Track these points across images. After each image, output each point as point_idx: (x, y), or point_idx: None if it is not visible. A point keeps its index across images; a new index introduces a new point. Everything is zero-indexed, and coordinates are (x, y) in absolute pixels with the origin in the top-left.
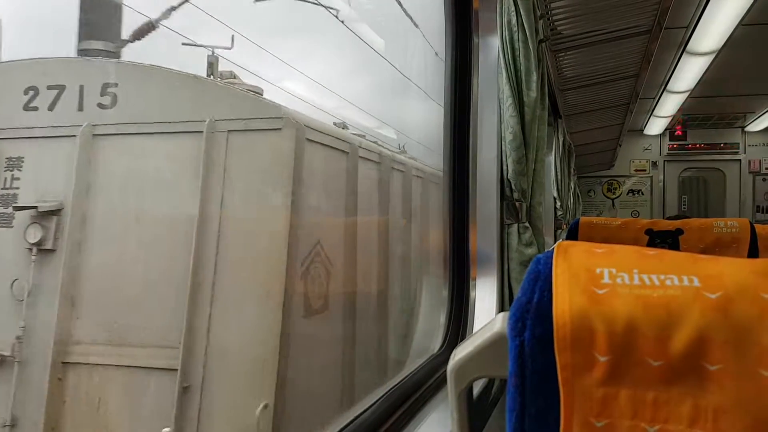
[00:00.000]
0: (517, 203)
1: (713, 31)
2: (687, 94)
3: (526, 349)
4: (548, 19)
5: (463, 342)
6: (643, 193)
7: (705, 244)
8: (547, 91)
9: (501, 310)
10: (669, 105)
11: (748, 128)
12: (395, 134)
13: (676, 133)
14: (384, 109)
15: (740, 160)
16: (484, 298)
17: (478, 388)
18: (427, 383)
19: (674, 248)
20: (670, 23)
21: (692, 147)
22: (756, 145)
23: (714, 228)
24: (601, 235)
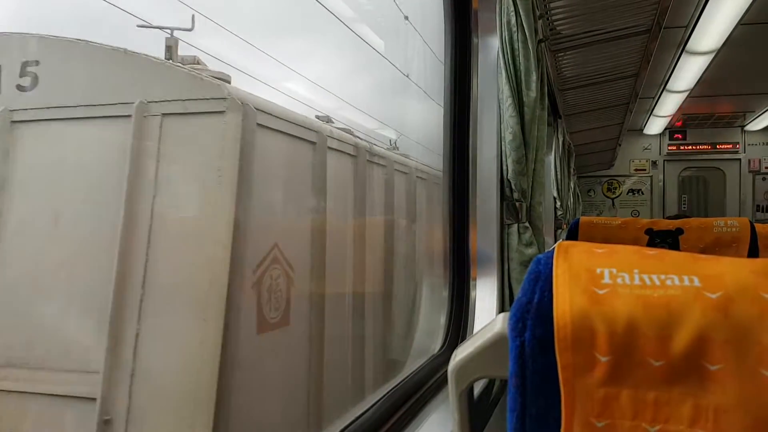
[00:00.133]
0: (517, 203)
1: (712, 30)
2: (686, 93)
3: (526, 350)
4: (547, 19)
5: (463, 342)
6: (642, 193)
7: (705, 243)
8: (546, 91)
9: (501, 311)
10: (668, 104)
11: (747, 127)
12: (390, 131)
13: (675, 133)
14: (376, 107)
15: (740, 160)
16: (485, 298)
17: (479, 389)
18: (427, 384)
19: (674, 248)
20: (669, 23)
21: (692, 146)
22: (756, 145)
23: (714, 227)
24: (601, 235)
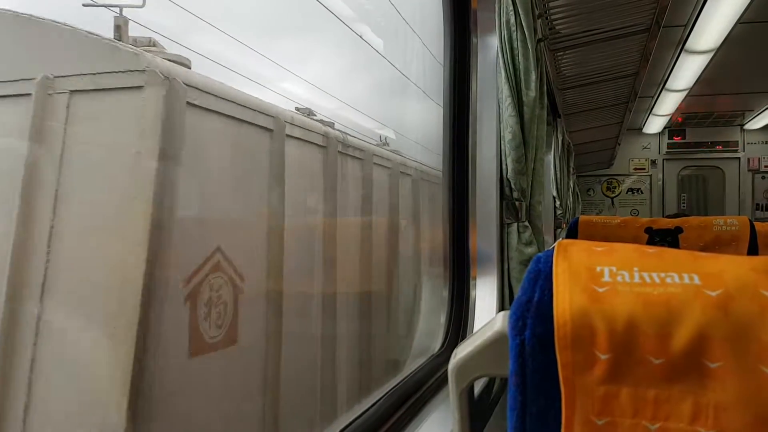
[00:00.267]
0: (517, 202)
1: (711, 29)
2: (686, 92)
3: (526, 348)
4: (546, 18)
5: (463, 341)
6: (642, 192)
7: (704, 242)
8: (545, 90)
9: (501, 310)
10: (668, 103)
11: (747, 126)
12: (386, 131)
13: (674, 132)
14: (367, 104)
15: (739, 158)
16: (485, 297)
17: (479, 388)
18: (427, 383)
19: (674, 246)
20: (668, 22)
21: (691, 145)
22: (755, 143)
23: (713, 226)
24: (600, 234)
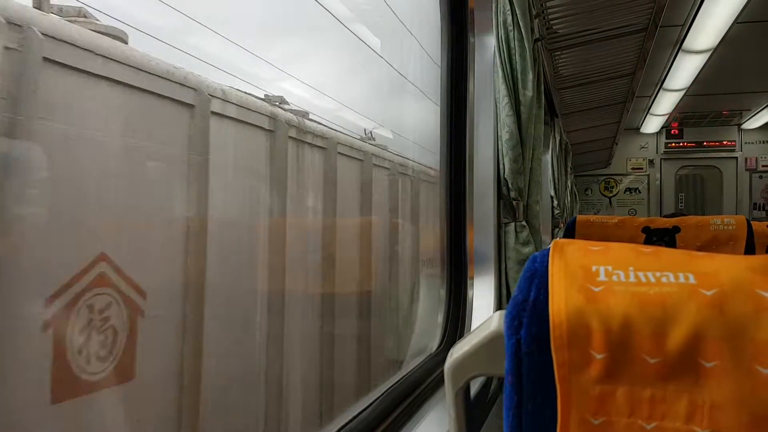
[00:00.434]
0: (514, 202)
1: (709, 28)
2: (683, 92)
3: (522, 348)
4: (544, 18)
5: (459, 341)
6: (640, 192)
7: (702, 241)
8: (543, 90)
9: (498, 309)
10: (665, 103)
11: (744, 126)
12: (373, 125)
13: (672, 131)
14: (355, 100)
15: (737, 158)
16: (482, 296)
17: (476, 387)
18: (425, 382)
19: (671, 246)
20: (665, 21)
21: (689, 145)
22: (752, 143)
23: (711, 225)
24: (598, 234)
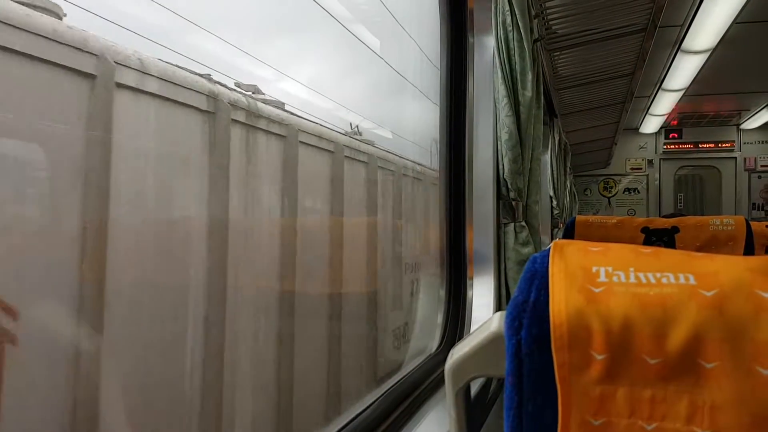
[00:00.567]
0: (514, 202)
1: (708, 29)
2: (682, 92)
3: (522, 348)
4: (543, 18)
5: (460, 342)
6: (639, 192)
7: (701, 241)
8: (542, 90)
9: (498, 310)
10: (664, 103)
11: (743, 126)
12: (353, 113)
13: (671, 132)
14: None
15: (736, 158)
16: (481, 297)
17: (476, 388)
18: (424, 383)
19: (670, 246)
20: (664, 21)
21: (688, 145)
22: (751, 143)
23: (710, 226)
24: (597, 234)
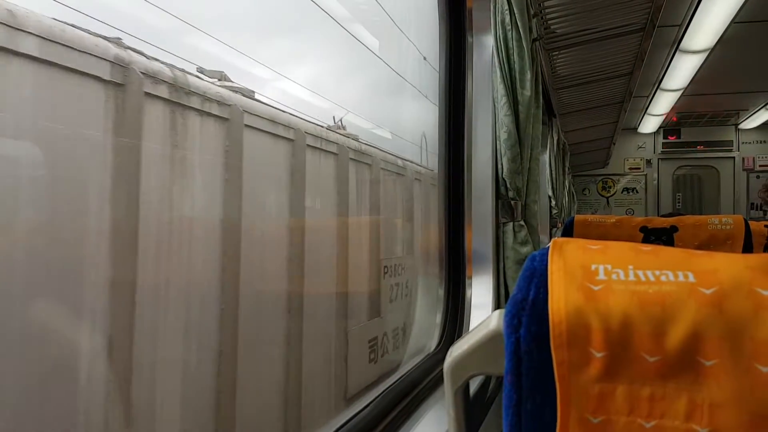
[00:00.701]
0: (512, 202)
1: (706, 28)
2: (680, 92)
3: (521, 346)
4: (542, 17)
5: (458, 340)
6: (637, 191)
7: (699, 241)
8: (541, 89)
9: (497, 308)
10: (663, 103)
11: (741, 126)
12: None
13: (669, 131)
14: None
15: (734, 158)
16: (480, 296)
17: (475, 386)
18: (423, 382)
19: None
20: (663, 21)
21: (686, 145)
22: (750, 143)
23: (708, 225)
24: (595, 233)
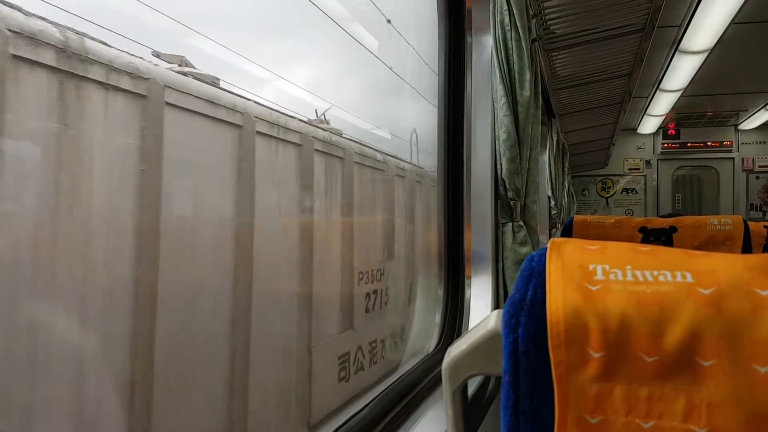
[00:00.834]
0: (512, 202)
1: (705, 29)
2: (680, 92)
3: (519, 346)
4: (541, 18)
5: (457, 340)
6: (637, 192)
7: (699, 241)
8: (540, 90)
9: (496, 309)
10: (662, 104)
11: (741, 126)
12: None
13: (669, 132)
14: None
15: (733, 158)
16: (479, 296)
17: (474, 386)
18: (422, 382)
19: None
20: (662, 22)
21: (686, 145)
22: (749, 143)
23: (708, 225)
24: (595, 234)
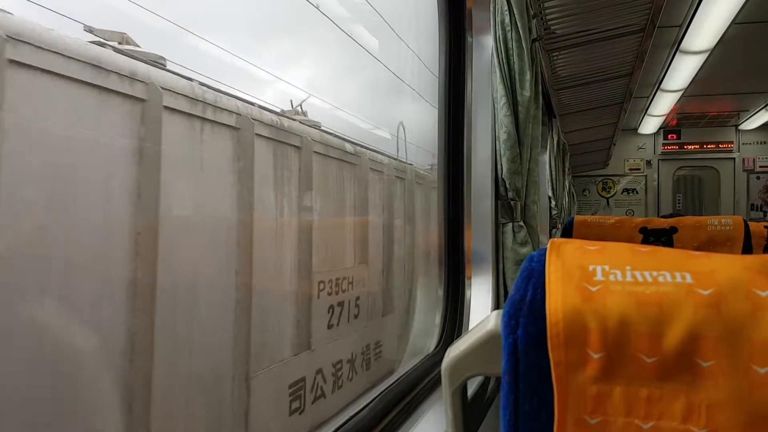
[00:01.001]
0: (512, 202)
1: (706, 29)
2: (681, 92)
3: (519, 347)
4: (541, 18)
5: (456, 340)
6: (637, 192)
7: (699, 241)
8: (540, 90)
9: (497, 309)
10: (663, 104)
11: (741, 126)
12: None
13: (669, 132)
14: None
15: (734, 159)
16: (479, 296)
17: (473, 387)
18: (422, 383)
19: (668, 246)
20: (663, 22)
21: (686, 146)
22: (750, 144)
23: (708, 226)
24: (595, 234)
